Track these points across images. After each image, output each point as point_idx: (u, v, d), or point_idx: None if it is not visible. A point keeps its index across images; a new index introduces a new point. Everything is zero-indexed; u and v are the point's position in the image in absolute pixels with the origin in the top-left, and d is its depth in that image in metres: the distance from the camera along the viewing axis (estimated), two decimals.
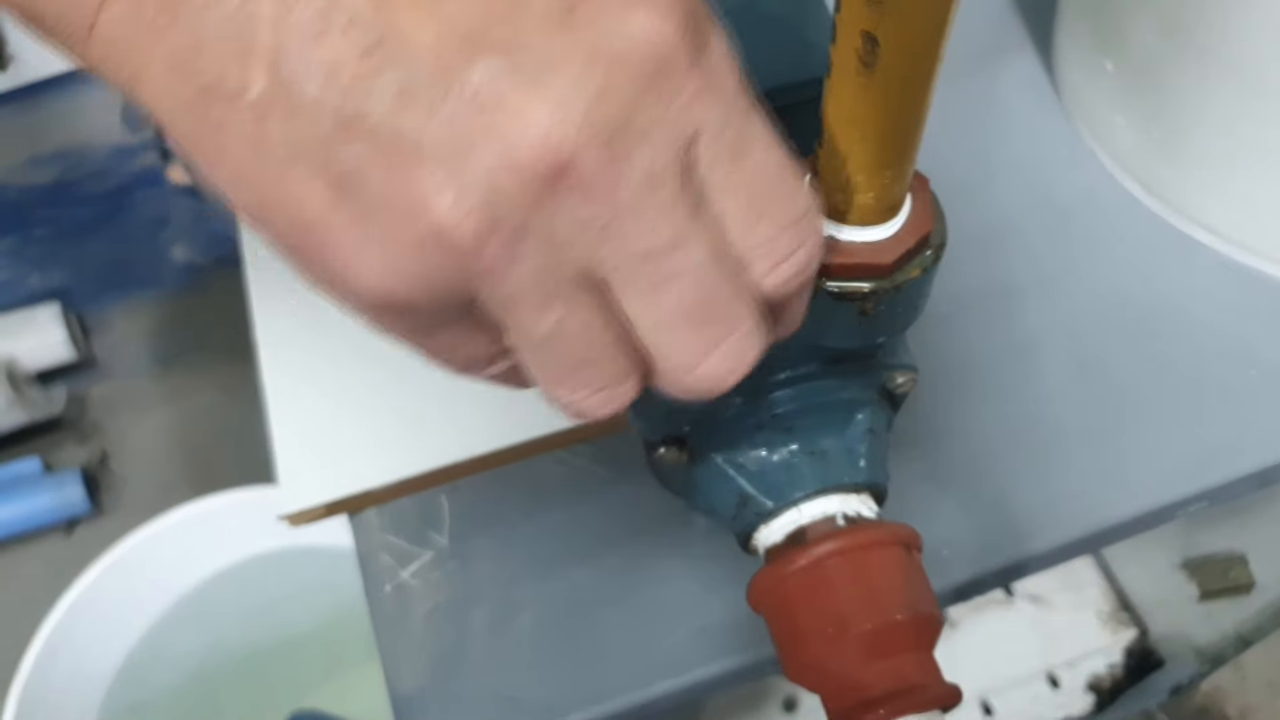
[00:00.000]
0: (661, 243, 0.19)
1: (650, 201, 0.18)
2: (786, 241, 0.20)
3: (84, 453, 1.23)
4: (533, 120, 0.17)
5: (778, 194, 0.20)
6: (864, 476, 0.28)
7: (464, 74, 0.16)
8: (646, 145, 0.18)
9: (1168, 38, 0.41)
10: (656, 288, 0.19)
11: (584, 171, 0.17)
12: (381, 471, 0.39)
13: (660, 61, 0.17)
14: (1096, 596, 1.02)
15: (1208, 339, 0.43)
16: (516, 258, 0.18)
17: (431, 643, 0.38)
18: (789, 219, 0.20)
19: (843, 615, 0.26)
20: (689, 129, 0.18)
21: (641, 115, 0.18)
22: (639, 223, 0.18)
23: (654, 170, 0.18)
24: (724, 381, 0.21)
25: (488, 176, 0.17)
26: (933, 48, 0.20)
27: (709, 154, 0.19)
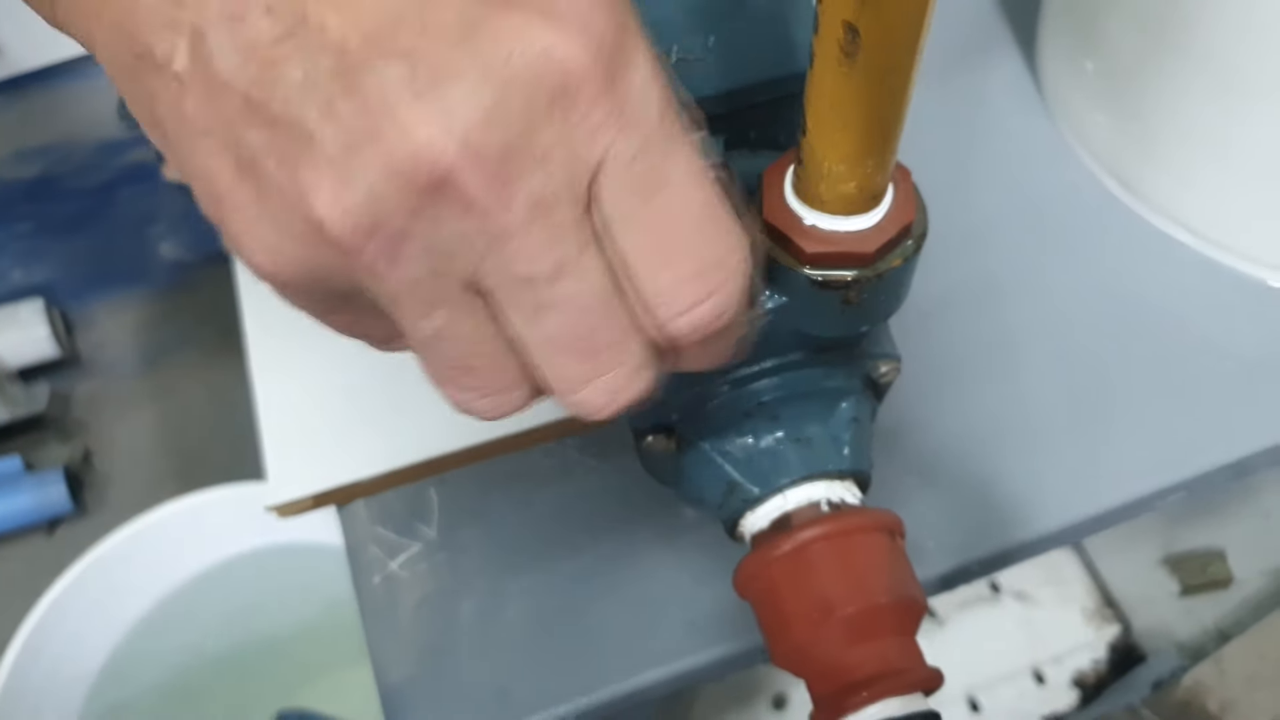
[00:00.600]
0: (543, 270, 0.18)
1: (536, 228, 0.18)
2: (692, 291, 0.20)
3: (66, 451, 1.22)
4: (415, 131, 0.17)
5: (690, 237, 0.19)
6: (848, 464, 0.28)
7: (362, 75, 0.16)
8: (539, 170, 0.17)
9: (1146, 37, 0.42)
10: (535, 312, 0.19)
11: (464, 188, 0.17)
12: (370, 463, 0.39)
13: (564, 85, 0.17)
14: (1080, 593, 1.03)
15: (1186, 334, 0.44)
16: (397, 260, 0.18)
17: (420, 634, 0.38)
18: (699, 266, 0.19)
19: (827, 599, 0.26)
20: (591, 159, 0.18)
21: (535, 139, 0.17)
22: (522, 247, 0.18)
23: (544, 196, 0.18)
24: (602, 411, 0.21)
25: (370, 180, 0.17)
26: (913, 38, 0.20)
27: (614, 186, 0.18)
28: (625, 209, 0.19)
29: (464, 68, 0.17)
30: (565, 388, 0.21)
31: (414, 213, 0.17)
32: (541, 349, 0.20)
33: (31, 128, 1.24)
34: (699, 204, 0.19)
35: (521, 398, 0.21)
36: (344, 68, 0.16)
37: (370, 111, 0.16)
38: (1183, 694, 0.89)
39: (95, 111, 1.24)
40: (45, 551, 1.14)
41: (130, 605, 0.97)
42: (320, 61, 0.16)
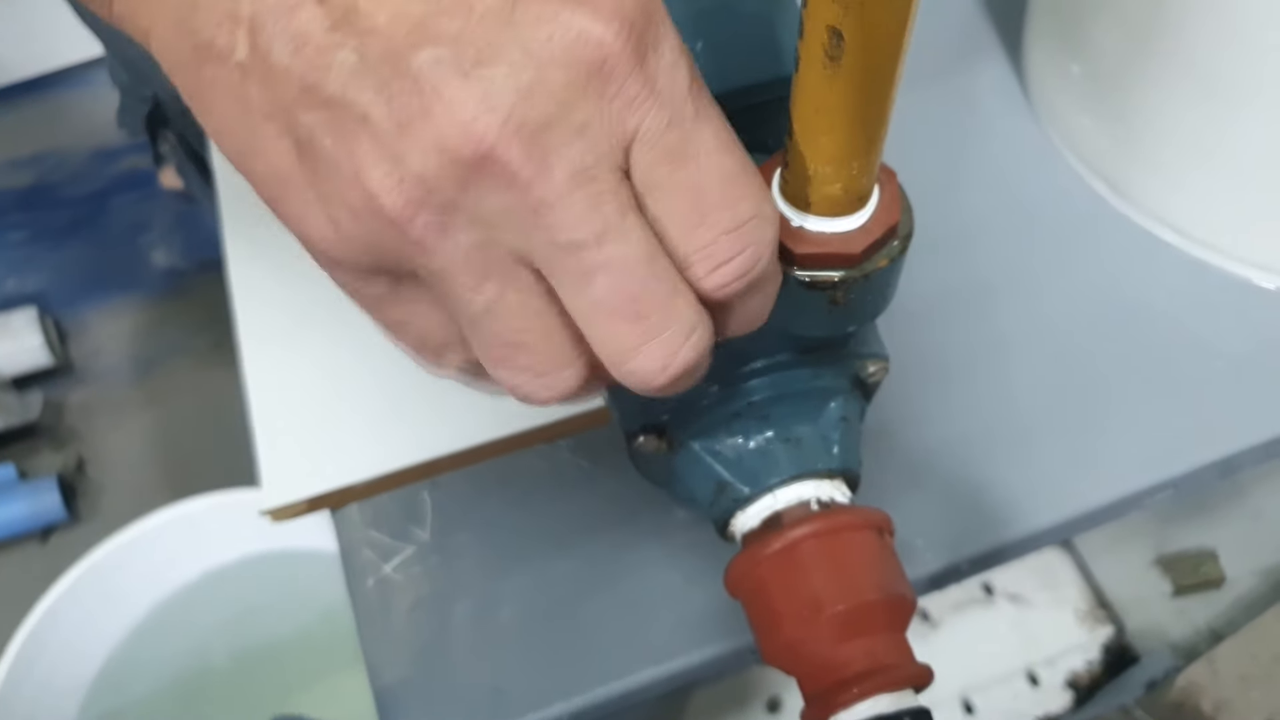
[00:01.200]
0: (588, 236, 0.19)
1: (577, 196, 0.19)
2: (726, 246, 0.21)
3: (60, 459, 1.22)
4: (460, 110, 0.18)
5: (721, 199, 0.20)
6: (838, 463, 0.29)
7: (410, 58, 0.17)
8: (577, 143, 0.19)
9: (1131, 41, 0.42)
10: (584, 278, 0.20)
11: (506, 162, 0.18)
12: (363, 467, 0.39)
13: (598, 64, 0.18)
14: (1074, 595, 1.03)
15: (1174, 334, 0.44)
16: (447, 232, 0.19)
17: (414, 636, 0.38)
18: (731, 224, 0.21)
19: (817, 597, 0.26)
20: (626, 131, 0.19)
21: (574, 114, 0.18)
22: (565, 215, 0.19)
23: (583, 167, 0.19)
24: (659, 376, 0.21)
25: (419, 156, 0.18)
26: (896, 42, 0.20)
27: (648, 156, 0.20)
28: (659, 175, 0.20)
29: (506, 49, 0.18)
30: (619, 355, 0.21)
31: (462, 185, 0.18)
32: (592, 315, 0.20)
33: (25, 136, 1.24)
34: (728, 167, 0.20)
35: (574, 377, 0.22)
36: (393, 51, 0.17)
37: (420, 91, 0.18)
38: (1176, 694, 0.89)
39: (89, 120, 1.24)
40: (39, 559, 1.14)
41: (124, 612, 0.96)
42: (370, 47, 0.18)
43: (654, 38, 0.19)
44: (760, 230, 0.21)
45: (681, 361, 0.21)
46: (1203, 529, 0.87)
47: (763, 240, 0.21)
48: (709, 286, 0.21)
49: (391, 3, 0.17)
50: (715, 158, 0.20)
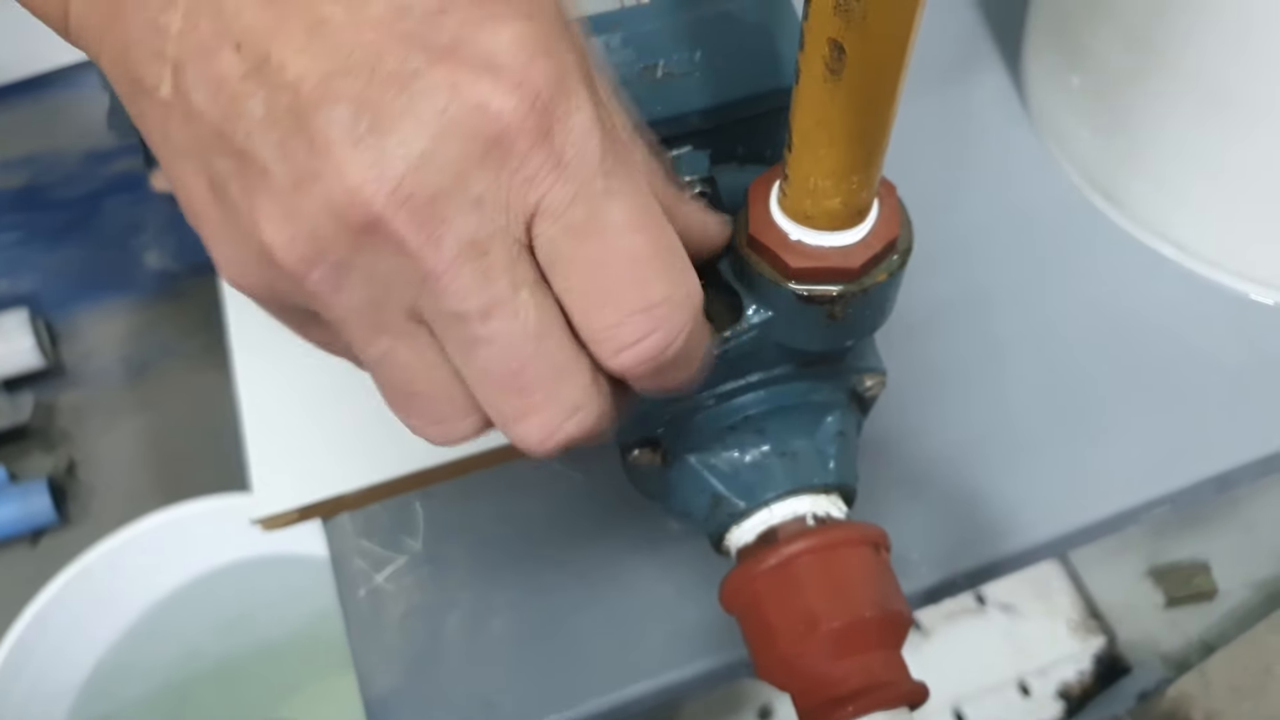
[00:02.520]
0: (474, 308, 0.19)
1: (465, 269, 0.19)
2: (631, 329, 0.20)
3: (51, 462, 1.21)
4: (349, 175, 0.18)
5: (628, 280, 0.20)
6: (834, 478, 0.29)
7: (312, 116, 0.17)
8: (469, 215, 0.18)
9: (1132, 53, 0.42)
10: (468, 348, 0.20)
11: (393, 231, 0.18)
12: (355, 476, 0.39)
13: (495, 137, 0.18)
14: (1066, 605, 1.03)
15: (1171, 347, 0.44)
16: (340, 288, 0.19)
17: (405, 647, 0.38)
18: (637, 306, 0.20)
19: (812, 613, 0.26)
20: (527, 205, 0.19)
21: (467, 186, 0.18)
22: (451, 286, 0.19)
23: (474, 240, 0.18)
24: (540, 446, 0.21)
25: (311, 216, 0.18)
26: (898, 56, 0.20)
27: (551, 231, 0.19)
28: (563, 252, 0.19)
29: (402, 116, 0.18)
30: (501, 421, 0.21)
31: (353, 247, 0.18)
32: (475, 382, 0.21)
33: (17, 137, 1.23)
34: (638, 246, 0.20)
35: (470, 426, 0.22)
36: (298, 107, 0.17)
37: (315, 151, 0.18)
38: (1167, 705, 0.89)
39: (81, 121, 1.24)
40: (29, 562, 1.13)
41: (115, 617, 0.95)
42: (279, 99, 0.17)
43: (564, 108, 0.18)
44: (671, 314, 0.20)
45: (563, 437, 0.21)
46: (1196, 541, 0.87)
47: (673, 324, 0.20)
48: (615, 368, 0.21)
49: (301, 57, 0.17)
50: (625, 237, 0.20)
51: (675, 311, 0.20)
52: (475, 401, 0.21)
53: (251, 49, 0.17)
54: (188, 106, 0.18)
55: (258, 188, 0.18)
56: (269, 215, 0.18)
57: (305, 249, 0.18)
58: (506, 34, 0.18)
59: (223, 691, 0.96)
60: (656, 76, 0.28)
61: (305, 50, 0.17)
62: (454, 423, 0.22)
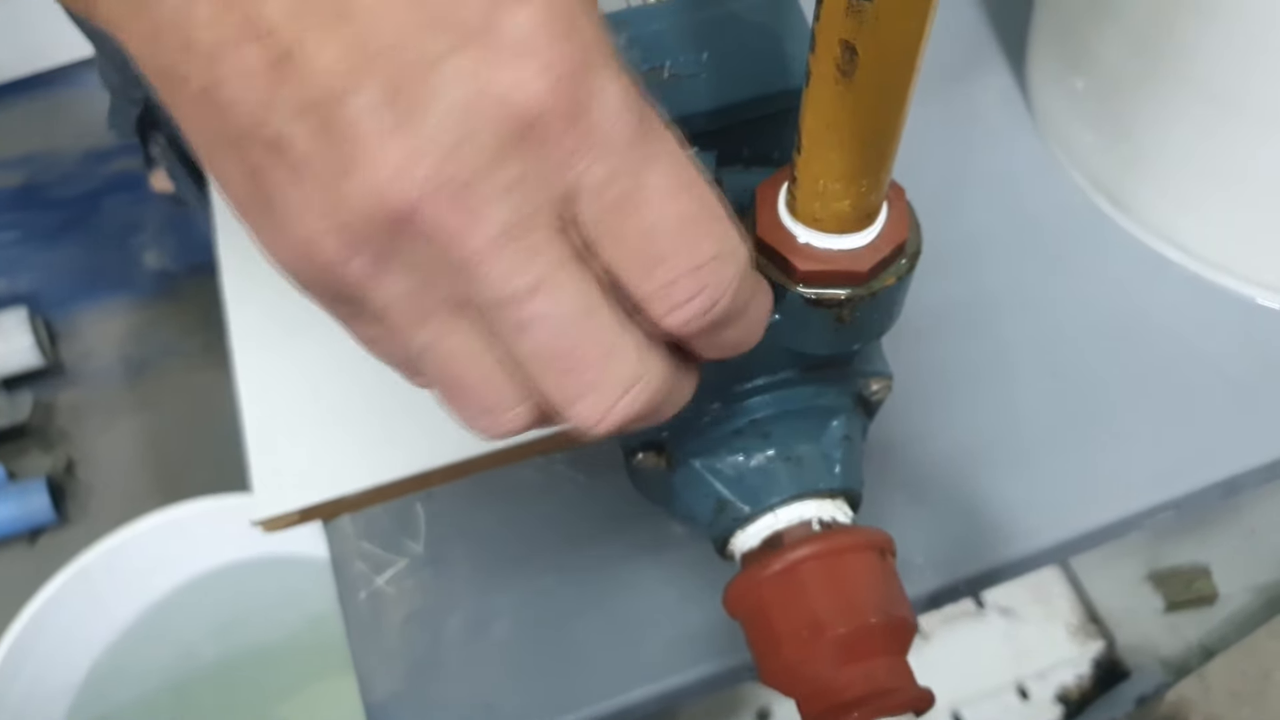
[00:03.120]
0: (517, 291, 0.19)
1: (506, 252, 0.19)
2: (683, 287, 0.20)
3: (49, 461, 1.21)
4: (383, 164, 0.17)
5: (675, 243, 0.20)
6: (839, 482, 0.28)
7: (344, 103, 0.17)
8: (507, 199, 0.18)
9: (1137, 57, 0.42)
10: (517, 331, 0.20)
11: (430, 219, 0.18)
12: (356, 477, 0.39)
13: (530, 119, 0.18)
14: (1065, 608, 1.03)
15: (1176, 352, 0.44)
16: (383, 277, 0.19)
17: (406, 650, 0.38)
18: (690, 264, 0.20)
19: (817, 619, 0.26)
20: (565, 184, 0.19)
21: (504, 170, 0.18)
22: (494, 270, 0.19)
23: (514, 223, 0.18)
24: (597, 426, 0.21)
25: (349, 205, 0.18)
26: (910, 57, 0.20)
27: (594, 208, 0.19)
28: (607, 226, 0.19)
29: (434, 101, 0.17)
30: (557, 403, 0.21)
31: (392, 236, 0.18)
32: (528, 365, 0.20)
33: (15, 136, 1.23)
34: (682, 209, 0.20)
35: (519, 417, 0.22)
36: (328, 96, 0.17)
37: (348, 141, 0.17)
38: (1166, 710, 0.89)
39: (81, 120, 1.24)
40: (27, 561, 1.13)
41: (113, 617, 0.95)
42: (311, 87, 0.17)
43: (592, 84, 0.18)
44: (721, 269, 0.20)
45: (620, 414, 0.21)
46: (1196, 545, 0.87)
47: (723, 278, 0.21)
48: (669, 326, 0.21)
49: (328, 44, 0.17)
50: (667, 202, 0.20)
51: (724, 266, 0.20)
52: (523, 390, 0.21)
53: (279, 37, 0.17)
54: (219, 98, 0.18)
55: (293, 180, 0.18)
56: (306, 207, 0.18)
57: (344, 240, 0.18)
58: (532, 13, 0.18)
59: (220, 693, 0.96)
60: (663, 77, 0.28)
61: (332, 38, 0.17)
62: (502, 413, 0.22)
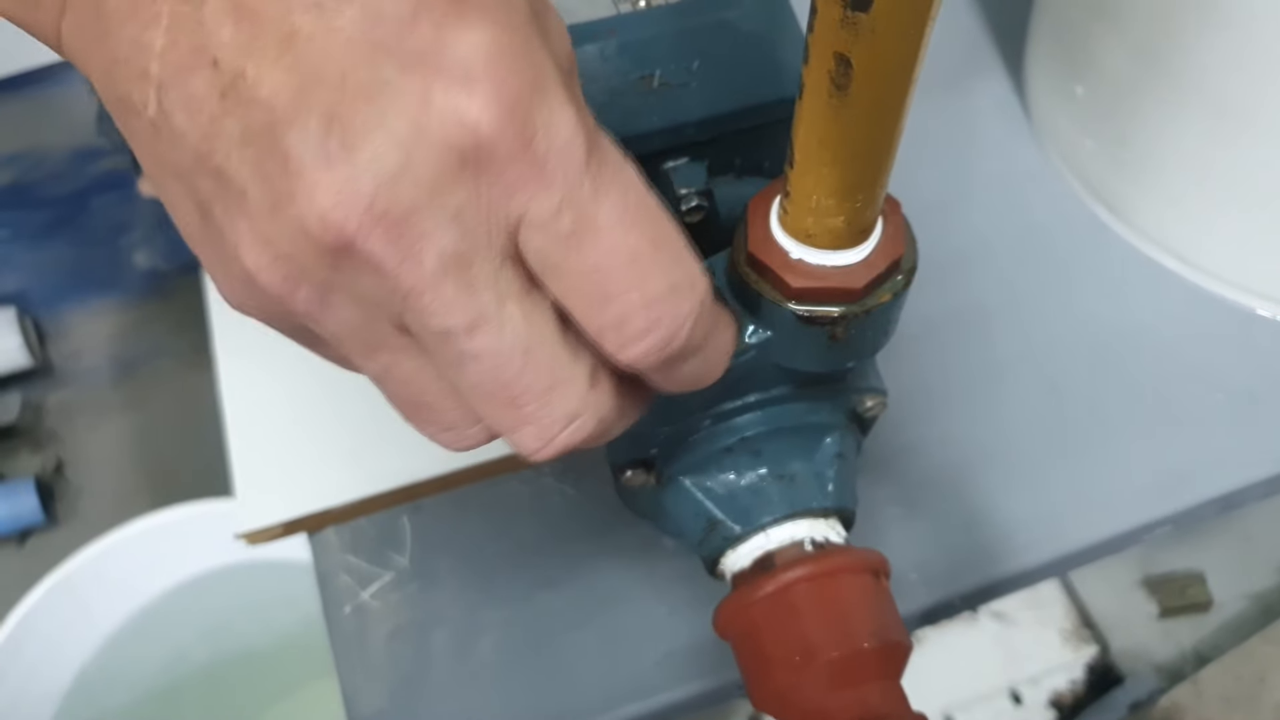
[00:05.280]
0: (457, 325, 0.19)
1: (446, 285, 0.18)
2: (638, 323, 0.20)
3: (38, 461, 1.20)
4: (320, 196, 0.17)
5: (627, 277, 0.19)
6: (832, 501, 0.28)
7: (285, 134, 0.17)
8: (448, 230, 0.18)
9: (1137, 63, 0.42)
10: (457, 364, 0.19)
11: (370, 250, 0.17)
12: (341, 490, 0.38)
13: (472, 149, 0.17)
14: (1059, 614, 1.03)
15: (1175, 363, 0.43)
16: (328, 308, 0.19)
17: (392, 665, 0.37)
18: (643, 300, 0.19)
19: (810, 643, 0.25)
20: (508, 217, 0.18)
21: (444, 201, 0.17)
22: (434, 304, 0.18)
23: (454, 255, 0.18)
24: (539, 454, 0.21)
25: (288, 238, 0.18)
26: (907, 71, 0.19)
27: (540, 240, 0.19)
28: (554, 260, 0.19)
29: (373, 130, 0.17)
30: (499, 430, 0.21)
31: (332, 269, 0.18)
32: (469, 395, 0.20)
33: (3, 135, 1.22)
34: (633, 243, 0.19)
35: (483, 433, 0.22)
36: (271, 125, 0.17)
37: (288, 172, 0.17)
38: (1160, 715, 0.89)
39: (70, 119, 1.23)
40: (16, 563, 1.12)
41: (103, 620, 0.95)
42: (254, 117, 0.17)
43: (542, 114, 0.18)
44: (675, 306, 0.20)
45: (560, 445, 0.21)
46: (1191, 551, 0.87)
47: (677, 315, 0.20)
48: (622, 362, 0.20)
49: (274, 72, 0.17)
50: (618, 236, 0.19)
51: (679, 302, 0.20)
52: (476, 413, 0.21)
53: (228, 65, 0.17)
54: (171, 126, 0.17)
55: (237, 210, 0.18)
56: (249, 239, 0.18)
57: (286, 272, 0.18)
58: (480, 39, 0.17)
59: (208, 697, 0.95)
60: (653, 86, 0.27)
61: (278, 65, 0.17)
62: (463, 429, 0.21)
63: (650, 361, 0.20)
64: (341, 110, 0.17)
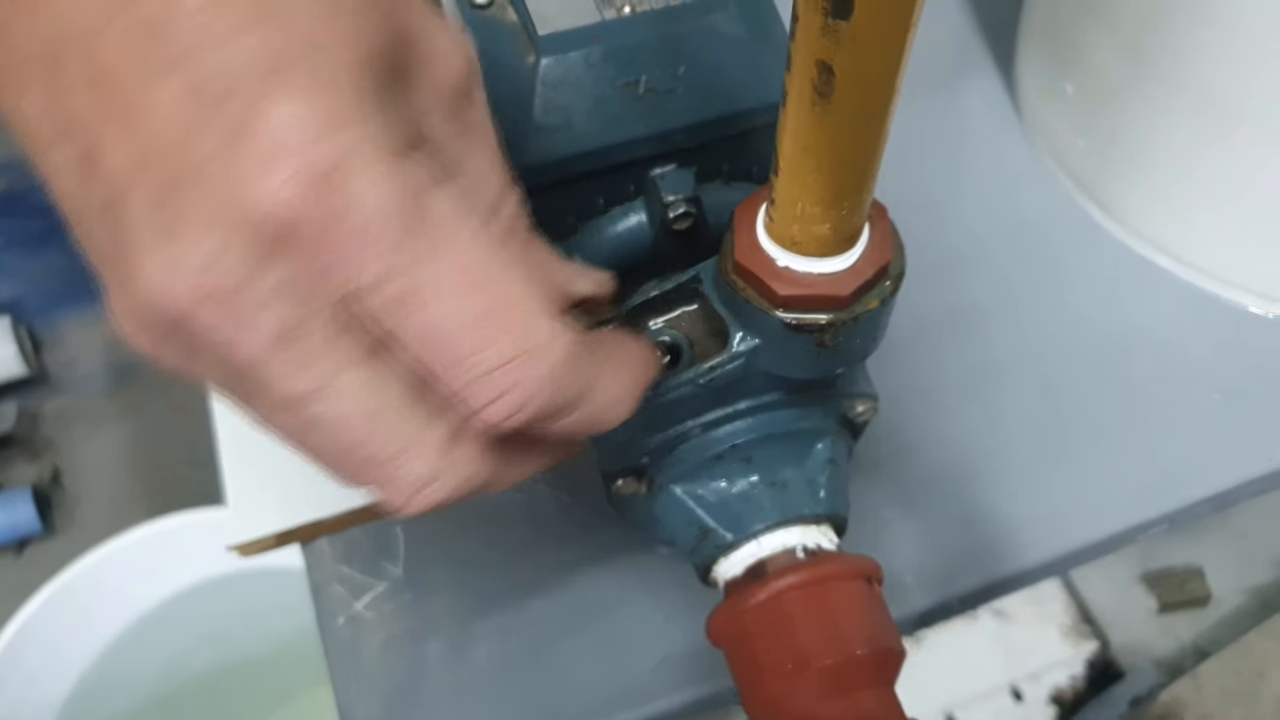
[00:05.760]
0: (296, 395, 0.19)
1: (281, 358, 0.18)
2: (489, 386, 0.19)
3: (35, 470, 1.20)
4: (154, 272, 0.17)
5: (473, 339, 0.19)
6: (824, 508, 0.28)
7: (126, 206, 0.17)
8: (277, 305, 0.18)
9: (1128, 61, 0.41)
10: (304, 431, 0.19)
11: (203, 325, 0.18)
12: (334, 500, 0.38)
13: (281, 228, 0.17)
14: (1058, 610, 1.03)
15: (1169, 362, 0.43)
16: (197, 366, 0.19)
17: (386, 676, 0.37)
18: (489, 364, 0.19)
19: (803, 651, 0.25)
20: (335, 288, 0.18)
21: (267, 277, 0.17)
22: (273, 373, 0.18)
23: (288, 328, 0.18)
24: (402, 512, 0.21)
25: (138, 305, 0.18)
26: (890, 78, 0.19)
27: (372, 307, 0.18)
28: (389, 326, 0.19)
29: (195, 209, 0.17)
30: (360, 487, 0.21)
31: (184, 336, 0.18)
32: (323, 458, 0.20)
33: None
34: (478, 305, 0.19)
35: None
36: (116, 197, 0.17)
37: (128, 244, 0.17)
38: (1160, 710, 0.89)
39: None
40: (14, 572, 1.12)
41: (101, 630, 0.95)
42: (104, 189, 0.17)
43: (353, 185, 0.17)
44: (526, 368, 0.19)
45: (422, 504, 0.21)
46: (1190, 547, 0.87)
47: (529, 376, 0.19)
48: (482, 426, 0.20)
49: (116, 146, 0.17)
50: (455, 299, 0.19)
51: (529, 364, 0.19)
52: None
53: (85, 136, 0.17)
54: (54, 189, 0.18)
55: (106, 275, 0.18)
56: (117, 304, 0.18)
57: (148, 335, 0.18)
58: (288, 113, 0.17)
59: (206, 704, 0.95)
60: (638, 92, 0.27)
61: (119, 138, 0.17)
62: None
63: (515, 423, 0.20)
64: (172, 185, 0.17)
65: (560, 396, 0.20)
